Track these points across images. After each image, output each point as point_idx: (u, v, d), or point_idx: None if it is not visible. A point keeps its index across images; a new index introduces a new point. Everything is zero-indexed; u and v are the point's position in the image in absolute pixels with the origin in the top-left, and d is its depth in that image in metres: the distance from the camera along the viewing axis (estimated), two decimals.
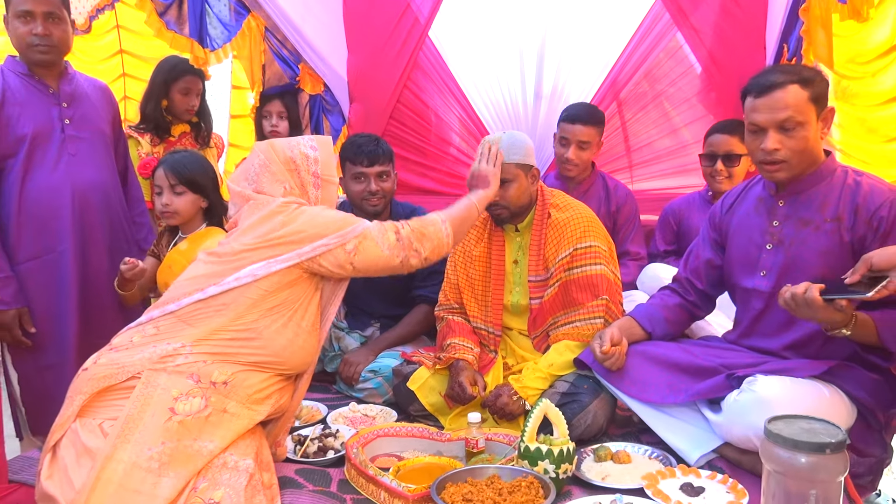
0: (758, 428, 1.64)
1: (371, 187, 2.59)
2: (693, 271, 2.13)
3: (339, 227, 1.78)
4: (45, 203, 2.43)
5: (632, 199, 3.05)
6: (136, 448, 1.50)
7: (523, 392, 2.13)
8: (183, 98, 2.99)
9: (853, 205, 1.76)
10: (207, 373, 1.62)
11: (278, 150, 1.86)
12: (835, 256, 1.77)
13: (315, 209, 1.82)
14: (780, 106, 1.73)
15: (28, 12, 2.34)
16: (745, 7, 3.24)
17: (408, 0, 3.57)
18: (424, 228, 1.87)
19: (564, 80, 3.52)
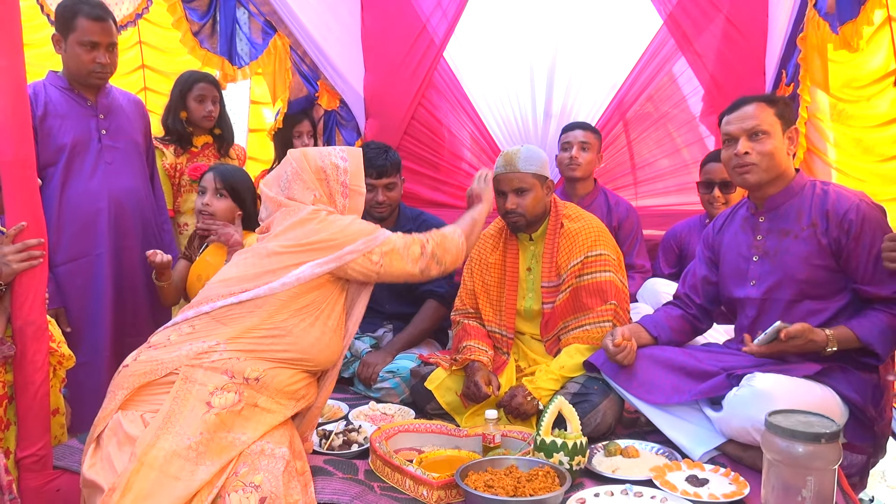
0: (755, 420, 1.79)
1: (378, 198, 2.77)
2: (691, 287, 2.30)
3: (367, 234, 1.90)
4: (84, 209, 2.56)
5: (633, 214, 3.17)
6: (177, 438, 1.58)
7: (537, 393, 2.25)
8: (199, 105, 3.06)
9: (824, 211, 1.96)
10: (241, 369, 1.70)
11: (310, 160, 1.95)
12: (815, 258, 1.96)
13: (345, 219, 1.92)
14: (747, 116, 2.00)
15: (95, 43, 2.49)
16: (747, 34, 3.41)
17: (424, 22, 3.74)
18: (445, 241, 2.00)
19: (573, 100, 3.68)
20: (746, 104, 2.01)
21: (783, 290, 2.01)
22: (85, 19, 2.46)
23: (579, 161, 3.08)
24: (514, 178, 2.37)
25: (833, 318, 1.96)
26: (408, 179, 3.91)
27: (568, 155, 3.10)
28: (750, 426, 1.84)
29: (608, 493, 1.74)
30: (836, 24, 2.37)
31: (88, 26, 2.47)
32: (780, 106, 2.01)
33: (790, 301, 2.00)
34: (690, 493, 1.72)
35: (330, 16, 3.68)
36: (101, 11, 2.50)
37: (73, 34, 2.48)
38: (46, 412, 1.98)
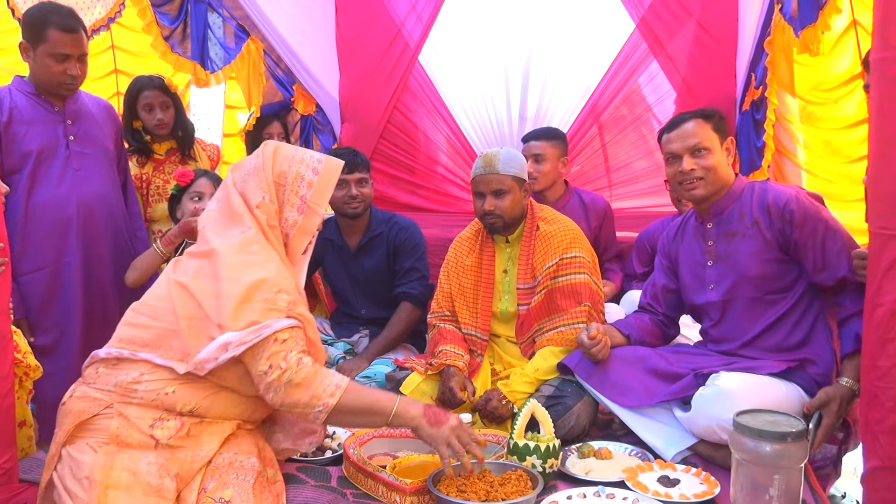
0: (721, 419, 1.82)
1: (351, 192, 2.76)
2: (653, 297, 2.35)
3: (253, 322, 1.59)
4: (51, 216, 2.51)
5: (611, 213, 3.15)
6: (133, 460, 1.53)
7: (511, 396, 2.25)
8: (148, 115, 2.95)
9: (764, 207, 2.02)
10: (171, 404, 1.61)
11: (278, 160, 1.76)
12: (764, 253, 2.02)
13: (249, 277, 1.62)
14: (688, 134, 2.06)
15: (66, 55, 2.42)
16: (717, 38, 3.46)
17: (399, 26, 3.75)
18: (308, 381, 1.60)
19: (548, 103, 3.71)
20: (685, 122, 2.07)
21: (741, 289, 2.06)
22: (56, 31, 2.38)
23: (534, 175, 3.01)
24: (493, 180, 2.37)
25: (792, 308, 2.02)
26: (384, 183, 3.93)
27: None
28: (716, 425, 1.86)
29: (580, 496, 1.75)
30: (798, 28, 2.42)
31: (59, 38, 2.38)
32: (715, 120, 2.08)
33: (750, 298, 2.05)
34: (662, 494, 1.73)
35: (304, 20, 3.67)
36: (72, 22, 2.42)
37: (44, 45, 2.39)
38: (12, 424, 1.93)
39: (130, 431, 1.58)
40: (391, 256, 2.87)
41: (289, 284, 1.69)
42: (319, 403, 1.60)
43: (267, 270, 1.65)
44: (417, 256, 2.86)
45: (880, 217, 1.38)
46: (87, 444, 1.58)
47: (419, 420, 1.68)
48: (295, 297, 1.69)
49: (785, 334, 2.02)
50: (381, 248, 2.87)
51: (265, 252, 1.69)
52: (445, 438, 1.67)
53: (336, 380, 1.63)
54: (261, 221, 1.73)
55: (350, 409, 1.63)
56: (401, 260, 2.86)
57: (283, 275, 1.69)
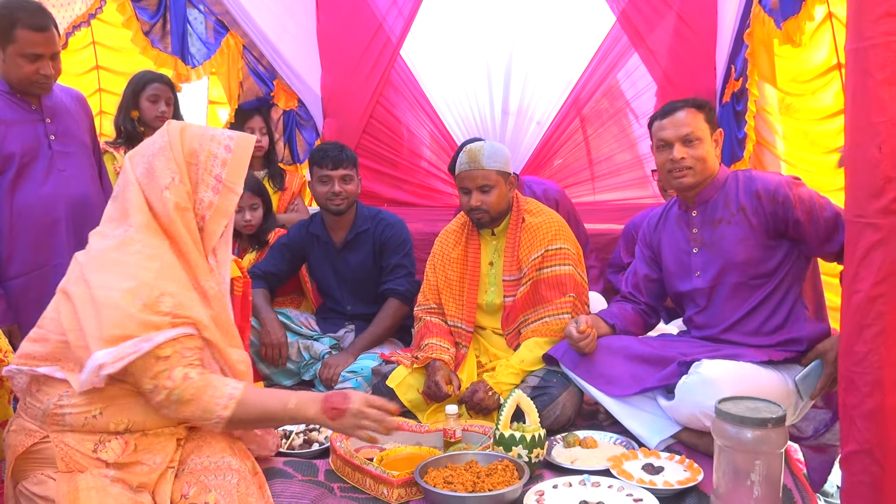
0: (704, 406, 1.85)
1: (335, 189, 2.75)
2: (634, 287, 2.37)
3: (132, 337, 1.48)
4: (38, 218, 2.43)
5: (565, 200, 3.10)
6: (95, 478, 1.47)
7: (497, 388, 2.27)
8: (151, 106, 2.98)
9: (752, 193, 2.05)
10: (104, 426, 1.53)
11: (186, 138, 1.64)
12: (749, 239, 2.05)
13: (121, 287, 1.50)
14: (681, 123, 2.08)
15: (37, 55, 2.33)
16: (697, 31, 3.49)
17: (380, 20, 3.74)
18: (198, 396, 1.53)
19: (530, 96, 3.72)
20: (678, 110, 2.09)
21: (728, 275, 2.09)
22: (25, 30, 2.28)
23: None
24: (479, 176, 2.38)
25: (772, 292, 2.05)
26: (367, 178, 3.92)
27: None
28: (699, 412, 1.89)
29: (566, 485, 1.77)
30: (780, 20, 2.44)
31: (30, 38, 2.29)
32: (706, 111, 2.10)
33: (735, 284, 2.08)
34: (646, 481, 1.75)
35: (285, 15, 3.64)
36: (42, 20, 2.32)
37: (13, 45, 2.30)
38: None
39: (75, 457, 1.50)
40: (377, 253, 2.87)
41: (176, 285, 1.57)
42: (214, 417, 1.53)
43: (146, 271, 1.53)
44: (404, 253, 2.86)
45: (856, 205, 1.40)
46: (41, 476, 1.52)
47: (320, 419, 1.60)
48: (183, 298, 1.56)
49: (765, 317, 2.06)
50: (368, 244, 2.87)
51: (149, 250, 1.57)
52: (354, 426, 1.61)
53: (229, 391, 1.55)
54: (157, 211, 1.61)
55: (246, 418, 1.57)
56: (387, 256, 2.86)
57: (170, 274, 1.57)
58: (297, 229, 2.95)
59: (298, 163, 3.78)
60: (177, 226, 1.62)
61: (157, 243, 1.60)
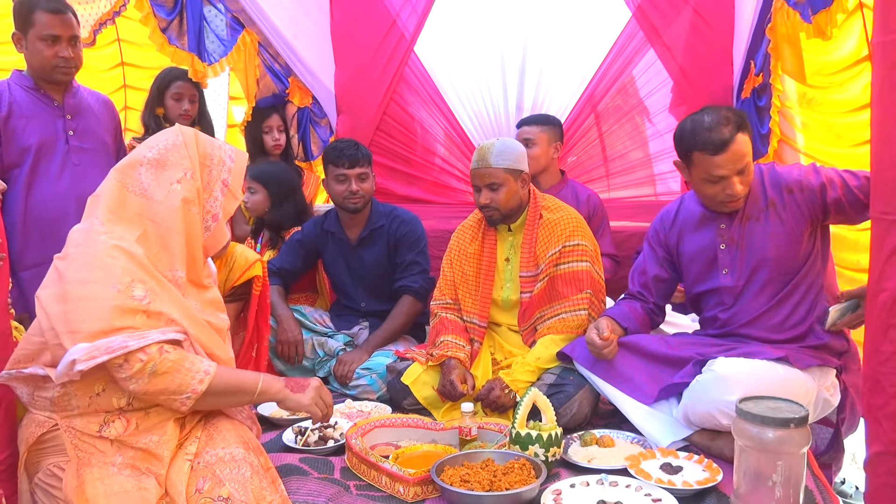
0: (719, 403, 1.83)
1: (352, 187, 2.75)
2: (642, 286, 2.33)
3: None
4: (50, 212, 2.49)
5: (602, 209, 3.12)
6: (101, 468, 1.51)
7: (514, 385, 2.25)
8: (175, 104, 3.03)
9: (781, 188, 2.02)
10: (106, 403, 1.56)
11: (201, 142, 1.72)
12: (780, 235, 2.02)
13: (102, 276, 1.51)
14: (738, 156, 1.96)
15: (55, 37, 2.43)
16: (714, 26, 3.45)
17: (394, 16, 3.72)
18: (177, 365, 1.53)
19: (544, 93, 3.70)
20: (732, 142, 1.93)
21: (759, 273, 2.06)
22: (43, 13, 2.40)
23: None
24: (486, 174, 2.38)
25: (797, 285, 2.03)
26: (381, 175, 3.91)
27: None
28: (714, 410, 1.87)
29: (584, 484, 1.75)
30: (809, 13, 2.39)
31: (47, 20, 2.41)
32: (748, 128, 2.00)
33: (766, 280, 2.05)
34: (665, 481, 1.74)
35: (299, 11, 3.64)
36: (58, 4, 2.44)
37: (33, 29, 2.42)
38: (13, 421, 1.91)
39: (84, 441, 1.54)
40: (392, 250, 2.86)
41: (143, 272, 1.56)
42: (188, 390, 1.54)
43: (114, 259, 1.53)
44: (419, 250, 2.85)
45: (882, 202, 1.38)
46: (53, 468, 1.55)
47: (284, 392, 1.69)
48: (153, 284, 1.56)
49: (788, 311, 2.03)
50: (382, 241, 2.86)
51: (113, 240, 1.56)
52: (312, 399, 1.71)
53: (204, 366, 1.57)
54: (155, 199, 1.61)
55: (218, 391, 1.58)
56: (402, 253, 2.85)
57: (136, 262, 1.56)
58: (311, 226, 2.95)
59: (311, 160, 3.78)
60: (175, 217, 1.63)
61: (122, 232, 1.59)
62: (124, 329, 1.48)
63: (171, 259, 1.63)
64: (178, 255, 1.64)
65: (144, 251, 1.59)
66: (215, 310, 1.77)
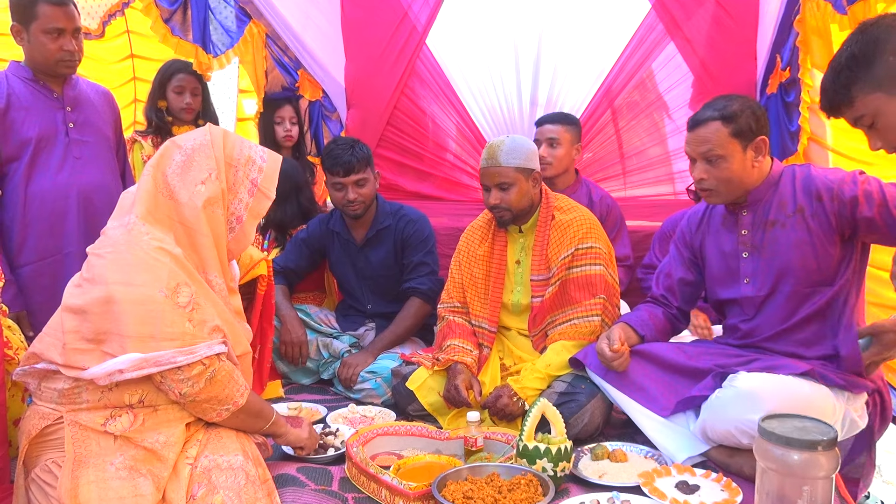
0: (739, 421, 1.73)
1: (349, 196, 2.64)
2: (667, 289, 2.22)
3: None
4: (51, 206, 2.45)
5: (616, 209, 3.04)
6: (97, 470, 1.47)
7: (522, 393, 2.16)
8: (177, 97, 3.00)
9: (812, 193, 1.88)
10: (118, 399, 1.53)
11: (228, 142, 1.70)
12: (806, 244, 1.89)
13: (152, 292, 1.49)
14: (700, 140, 1.92)
15: (60, 30, 2.37)
16: (737, 18, 3.31)
17: (405, 8, 3.63)
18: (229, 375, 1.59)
19: (560, 88, 3.58)
20: (701, 124, 1.92)
21: (782, 284, 1.93)
22: (46, 5, 2.34)
23: (548, 160, 2.94)
24: (496, 173, 2.29)
25: (829, 301, 1.89)
26: (391, 171, 3.83)
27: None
28: (734, 428, 1.77)
29: (594, 502, 1.66)
30: (843, 3, 2.27)
31: (51, 12, 2.35)
32: (737, 123, 1.88)
33: (790, 292, 1.92)
34: (680, 501, 1.64)
35: (308, 4, 3.56)
36: None
37: (36, 22, 2.36)
38: (3, 422, 1.87)
39: (86, 436, 1.51)
40: (398, 250, 2.78)
41: (186, 274, 1.55)
42: (231, 402, 1.60)
43: (160, 263, 1.52)
44: (426, 250, 2.76)
45: None
46: (50, 464, 1.52)
47: (286, 427, 1.84)
48: (196, 288, 1.55)
49: (817, 328, 1.90)
50: (389, 241, 2.78)
51: (157, 242, 1.55)
52: (310, 433, 1.94)
53: (244, 382, 1.65)
54: (181, 202, 1.60)
55: (249, 409, 1.66)
56: (409, 254, 2.76)
57: (180, 264, 1.56)
58: (316, 224, 2.88)
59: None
60: (199, 219, 1.61)
61: (161, 233, 1.59)
62: (173, 338, 1.48)
63: (201, 261, 1.62)
64: (209, 259, 1.63)
65: (182, 252, 1.59)
66: (240, 319, 1.76)
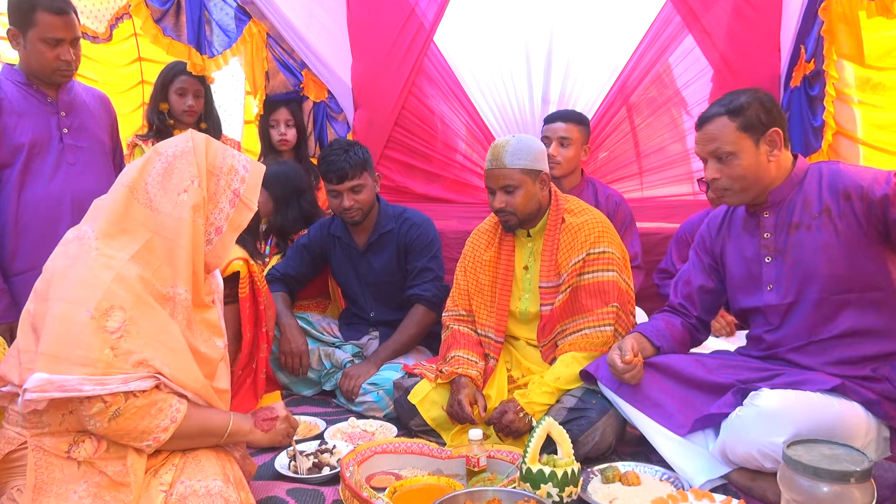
0: (761, 444, 1.60)
1: (345, 203, 2.55)
2: (686, 297, 2.08)
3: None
4: (44, 213, 2.38)
5: (624, 206, 2.91)
6: (59, 497, 1.41)
7: (529, 408, 2.04)
8: (179, 99, 2.96)
9: (839, 191, 1.74)
10: (78, 423, 1.45)
11: (210, 150, 1.62)
12: (834, 247, 1.74)
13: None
14: (708, 138, 1.82)
15: (58, 39, 2.31)
16: (759, 8, 3.16)
17: (412, 5, 3.52)
18: (140, 415, 1.44)
19: (572, 84, 3.46)
20: (707, 121, 1.82)
21: (808, 290, 1.78)
22: (46, 14, 2.28)
23: (557, 159, 2.84)
24: (500, 175, 2.17)
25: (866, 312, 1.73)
26: (399, 173, 3.73)
27: (547, 151, 2.85)
28: (755, 451, 1.63)
29: None
30: None
31: (51, 21, 2.28)
32: (745, 116, 1.77)
33: (817, 300, 1.77)
34: None
35: (313, 2, 3.47)
36: (61, 3, 2.31)
37: (34, 30, 2.29)
38: None
39: (49, 462, 1.44)
40: (402, 255, 2.67)
41: (135, 297, 1.44)
42: (150, 438, 1.45)
43: (98, 280, 1.41)
44: (431, 255, 2.65)
45: None
46: (15, 492, 1.44)
47: (254, 433, 1.66)
48: (135, 313, 1.43)
49: (851, 343, 1.73)
50: (391, 246, 2.67)
51: (104, 259, 1.45)
52: (284, 432, 1.73)
53: (172, 412, 1.47)
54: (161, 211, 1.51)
55: (184, 434, 1.50)
56: (412, 259, 2.65)
57: (126, 285, 1.44)
58: (317, 229, 2.78)
59: None
60: (180, 230, 1.53)
61: (117, 248, 1.48)
62: (84, 363, 1.36)
63: (173, 274, 1.53)
64: (182, 271, 1.54)
65: (141, 269, 1.47)
66: (211, 334, 1.64)
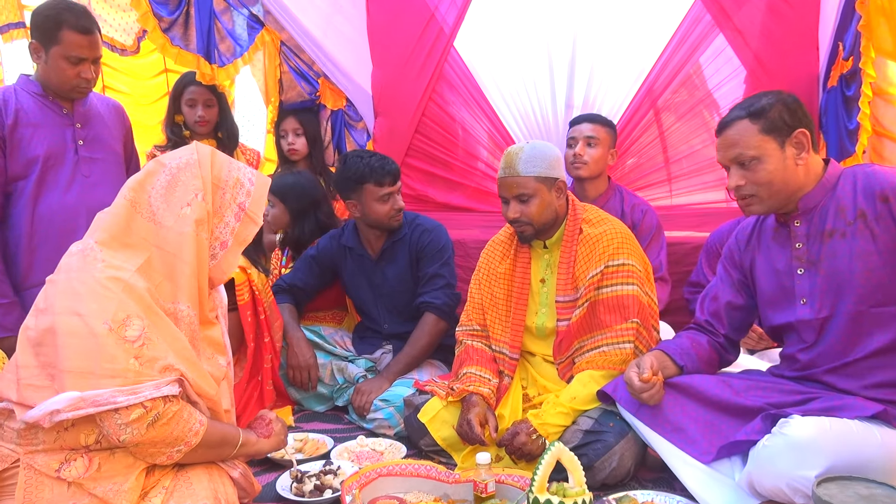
0: (791, 478, 1.47)
1: (398, 204, 2.56)
2: (713, 315, 1.95)
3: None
4: (59, 225, 2.37)
5: (651, 216, 2.79)
6: None
7: (543, 430, 1.93)
8: (190, 110, 2.97)
9: (874, 193, 1.63)
10: (73, 440, 1.44)
11: (215, 163, 1.62)
12: (871, 255, 1.62)
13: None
14: (728, 144, 1.73)
15: (81, 59, 2.32)
16: (795, 4, 3.00)
17: (432, 10, 3.46)
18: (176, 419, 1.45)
19: (597, 89, 3.34)
20: (727, 126, 1.72)
21: (843, 303, 1.64)
22: (72, 33, 2.28)
23: (584, 159, 2.75)
24: (514, 184, 2.08)
25: None
26: (420, 181, 3.66)
27: (572, 152, 2.76)
28: (784, 485, 1.49)
29: None
30: None
31: (76, 40, 2.28)
32: (767, 118, 1.67)
33: (855, 314, 1.63)
34: None
35: (331, 10, 3.43)
36: (87, 23, 2.31)
37: (58, 47, 2.29)
38: None
39: (40, 482, 1.41)
40: (414, 262, 2.60)
41: (141, 307, 1.43)
42: (182, 443, 1.46)
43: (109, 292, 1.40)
44: (442, 261, 2.57)
45: None
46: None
47: (260, 443, 1.69)
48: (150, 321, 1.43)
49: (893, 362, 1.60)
50: (404, 253, 2.60)
51: (111, 270, 1.44)
52: (281, 431, 1.77)
53: (198, 416, 1.50)
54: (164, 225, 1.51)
55: (207, 443, 1.51)
56: (424, 265, 2.57)
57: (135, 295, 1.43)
58: (327, 241, 2.72)
59: None
60: (182, 244, 1.52)
61: (122, 261, 1.47)
62: (114, 375, 1.37)
63: (174, 290, 1.52)
64: (184, 287, 1.53)
65: (146, 283, 1.46)
66: (214, 352, 1.62)
